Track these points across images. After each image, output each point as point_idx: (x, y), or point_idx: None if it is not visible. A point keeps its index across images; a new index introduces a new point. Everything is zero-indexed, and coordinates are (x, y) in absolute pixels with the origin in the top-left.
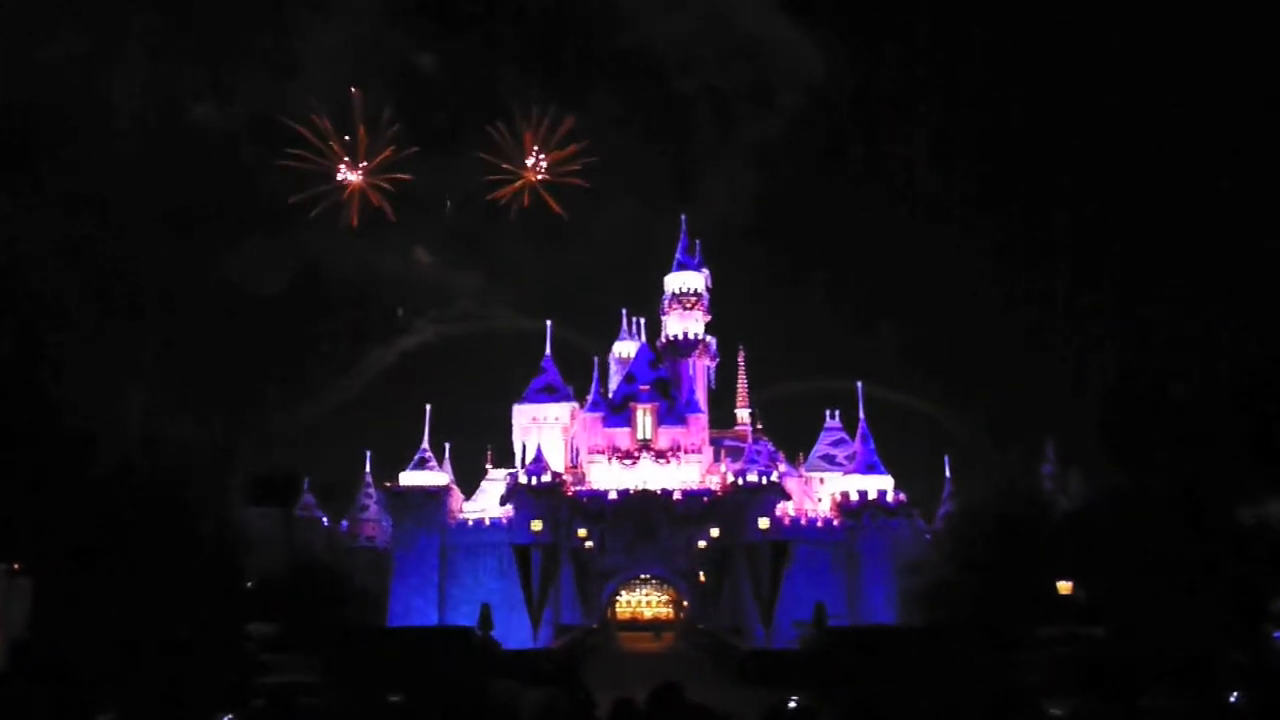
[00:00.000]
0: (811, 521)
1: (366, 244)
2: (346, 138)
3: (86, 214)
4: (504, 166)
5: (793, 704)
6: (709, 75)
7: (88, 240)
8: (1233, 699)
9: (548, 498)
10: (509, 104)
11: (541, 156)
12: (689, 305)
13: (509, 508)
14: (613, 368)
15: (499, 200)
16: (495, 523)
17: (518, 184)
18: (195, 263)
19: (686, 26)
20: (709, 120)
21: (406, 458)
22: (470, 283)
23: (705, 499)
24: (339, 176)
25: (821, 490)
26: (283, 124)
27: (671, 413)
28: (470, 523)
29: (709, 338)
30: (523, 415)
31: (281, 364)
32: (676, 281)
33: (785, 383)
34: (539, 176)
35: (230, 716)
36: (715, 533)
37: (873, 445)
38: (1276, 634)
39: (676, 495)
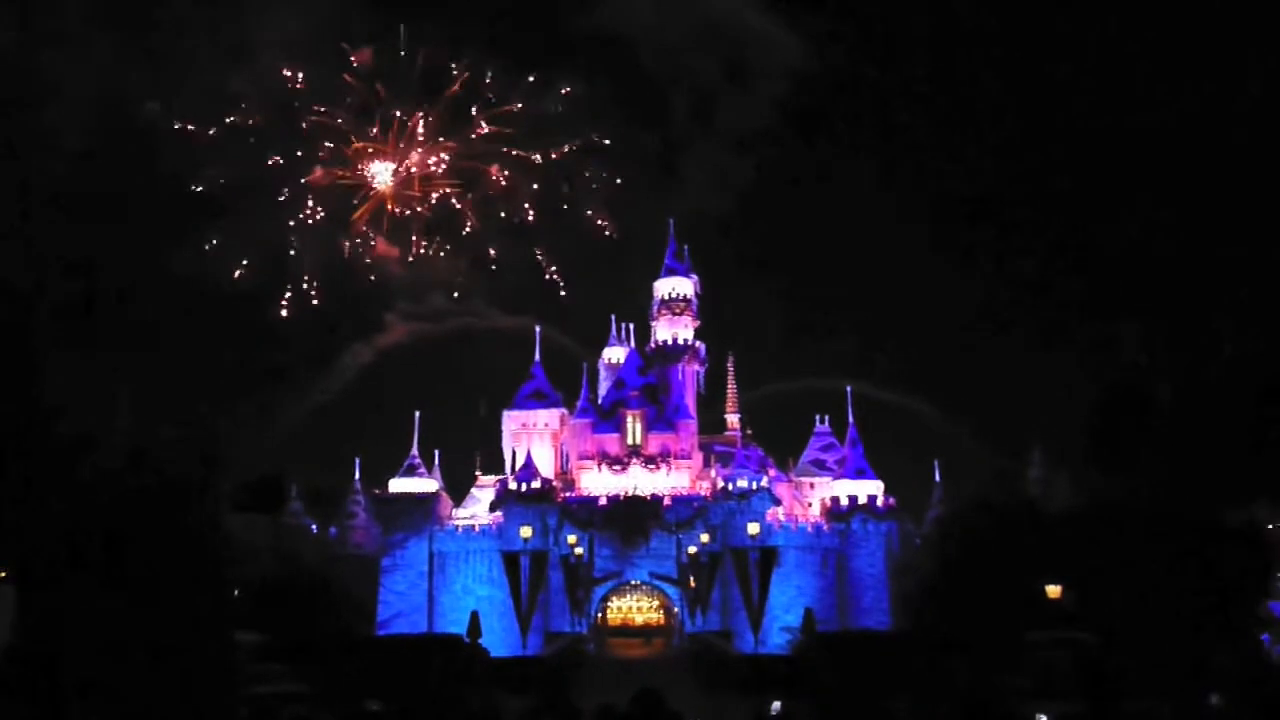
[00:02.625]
0: (801, 527)
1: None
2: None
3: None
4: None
5: (775, 708)
6: (684, 59)
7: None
8: (1213, 700)
9: (537, 504)
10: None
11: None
12: (678, 311)
13: (498, 514)
14: (602, 373)
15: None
16: (485, 529)
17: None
18: (155, 256)
19: (659, 8)
20: (686, 107)
21: (396, 464)
22: (450, 279)
23: (695, 504)
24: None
25: (811, 495)
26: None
27: (661, 418)
28: (459, 529)
29: (698, 343)
30: (512, 421)
31: (258, 364)
32: (665, 287)
33: (774, 384)
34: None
35: None
36: (705, 538)
37: (862, 450)
38: (1264, 637)
39: (666, 501)
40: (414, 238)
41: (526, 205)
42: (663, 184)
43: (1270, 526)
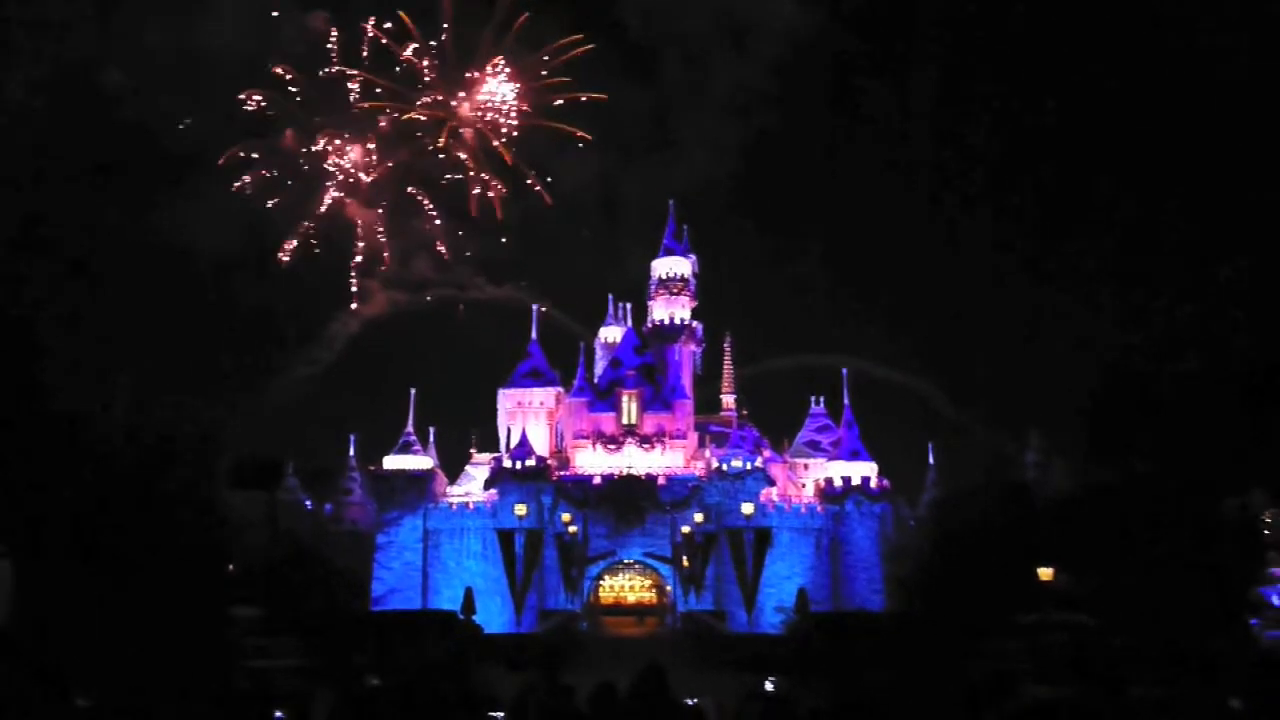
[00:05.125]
0: (795, 507)
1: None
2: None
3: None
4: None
5: (769, 686)
6: (675, 22)
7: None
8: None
9: (532, 482)
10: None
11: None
12: (675, 290)
13: (493, 492)
14: (598, 352)
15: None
16: (479, 507)
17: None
18: (132, 224)
19: None
20: (680, 71)
21: (391, 441)
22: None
23: (690, 484)
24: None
25: (806, 476)
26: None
27: (657, 398)
28: (454, 507)
29: (695, 323)
30: (508, 400)
31: (245, 336)
32: (663, 267)
33: (770, 360)
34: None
35: None
36: (699, 518)
37: (857, 431)
38: (1254, 621)
39: (661, 480)
40: (382, 207)
41: (489, 183)
42: (658, 150)
43: (1267, 515)
